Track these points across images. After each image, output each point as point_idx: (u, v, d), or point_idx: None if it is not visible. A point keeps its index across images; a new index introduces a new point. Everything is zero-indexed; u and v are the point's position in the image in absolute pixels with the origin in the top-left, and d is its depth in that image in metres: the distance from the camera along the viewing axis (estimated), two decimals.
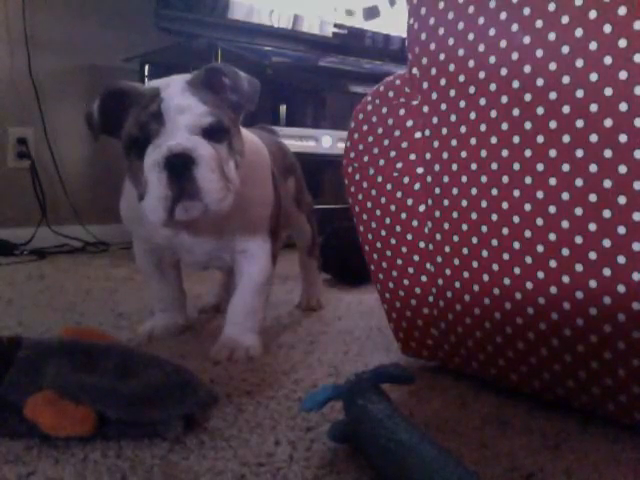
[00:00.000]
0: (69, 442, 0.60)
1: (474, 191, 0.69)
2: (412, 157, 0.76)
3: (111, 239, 2.20)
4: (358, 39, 2.23)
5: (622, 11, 0.56)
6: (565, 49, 0.59)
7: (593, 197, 0.58)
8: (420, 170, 0.75)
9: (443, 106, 0.71)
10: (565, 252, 0.61)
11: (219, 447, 0.60)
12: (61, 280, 1.52)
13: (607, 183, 0.57)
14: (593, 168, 0.58)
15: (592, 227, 0.59)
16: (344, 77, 2.34)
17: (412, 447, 0.48)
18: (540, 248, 0.63)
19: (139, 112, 0.81)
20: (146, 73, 2.16)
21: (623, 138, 0.56)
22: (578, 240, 0.60)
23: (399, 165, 0.77)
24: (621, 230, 0.57)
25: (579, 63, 0.58)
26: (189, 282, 1.11)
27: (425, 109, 0.73)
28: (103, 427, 0.60)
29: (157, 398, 0.61)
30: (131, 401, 0.60)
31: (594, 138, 0.58)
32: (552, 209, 0.61)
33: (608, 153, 0.57)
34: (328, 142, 1.98)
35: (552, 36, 0.60)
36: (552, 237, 0.62)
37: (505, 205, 0.65)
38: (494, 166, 0.66)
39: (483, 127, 0.67)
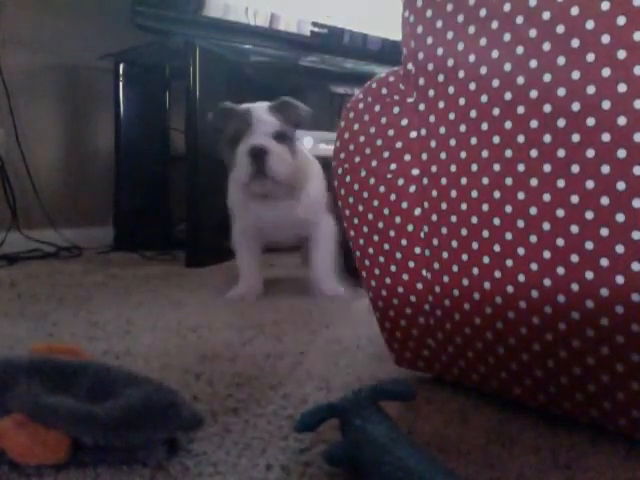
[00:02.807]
0: (41, 470, 0.55)
1: (474, 194, 0.65)
2: (407, 158, 0.72)
3: (85, 243, 2.13)
4: (337, 38, 2.19)
5: (605, 6, 0.53)
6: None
7: (590, 184, 0.55)
8: (415, 171, 0.71)
9: (441, 104, 0.67)
10: (570, 255, 0.57)
11: (206, 473, 0.55)
12: (33, 287, 1.45)
13: (605, 169, 0.54)
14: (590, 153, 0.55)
15: (589, 215, 0.55)
16: (324, 77, 2.31)
17: (422, 476, 0.44)
18: (547, 254, 0.59)
19: (238, 120, 1.29)
20: (120, 72, 2.10)
21: (606, 137, 0.53)
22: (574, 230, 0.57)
23: (393, 166, 0.73)
24: (620, 218, 0.54)
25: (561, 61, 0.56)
26: None
27: (421, 107, 0.69)
28: (78, 453, 0.55)
29: (137, 421, 0.55)
30: (108, 425, 0.55)
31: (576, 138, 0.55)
32: (547, 197, 0.58)
33: (590, 153, 0.55)
34: (309, 143, 1.94)
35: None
36: (546, 227, 0.58)
37: (509, 209, 0.61)
38: (496, 167, 0.62)
39: (485, 126, 0.63)
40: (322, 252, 1.41)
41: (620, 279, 0.54)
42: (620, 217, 0.53)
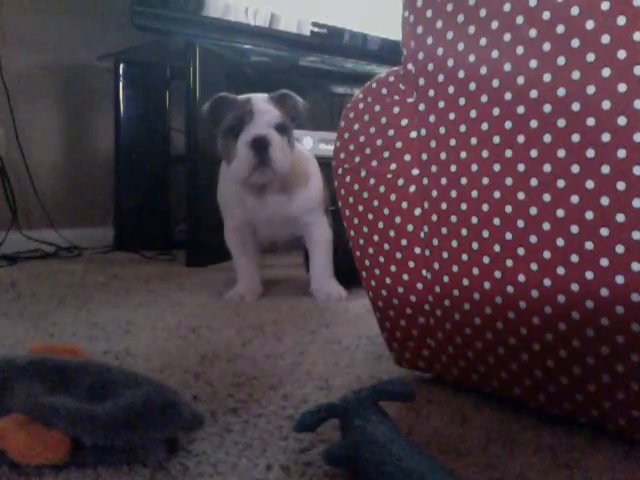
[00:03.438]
0: (41, 470, 0.55)
1: (474, 194, 0.65)
2: (407, 158, 0.72)
3: (85, 243, 2.13)
4: (337, 38, 2.19)
5: (605, 6, 0.53)
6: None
7: (590, 184, 0.55)
8: (415, 171, 0.71)
9: (441, 104, 0.67)
10: (570, 255, 0.57)
11: (206, 473, 0.55)
12: (33, 287, 1.45)
13: (605, 169, 0.54)
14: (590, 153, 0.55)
15: (589, 215, 0.55)
16: (325, 77, 2.31)
17: (422, 476, 0.44)
18: (547, 254, 0.59)
19: (238, 110, 1.25)
20: (120, 72, 2.10)
21: (606, 137, 0.53)
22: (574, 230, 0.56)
23: (393, 166, 0.73)
24: (620, 218, 0.54)
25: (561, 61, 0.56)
26: None
27: (421, 107, 0.69)
28: (78, 453, 0.55)
29: (137, 421, 0.55)
30: (108, 425, 0.55)
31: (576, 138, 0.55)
32: (547, 197, 0.58)
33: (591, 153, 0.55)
34: (309, 143, 1.94)
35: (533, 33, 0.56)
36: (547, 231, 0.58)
37: (509, 209, 0.61)
38: (496, 167, 0.62)
39: (485, 126, 0.63)
40: (319, 255, 1.40)
41: (620, 279, 0.54)
42: (620, 217, 0.53)
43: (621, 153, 0.53)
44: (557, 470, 0.56)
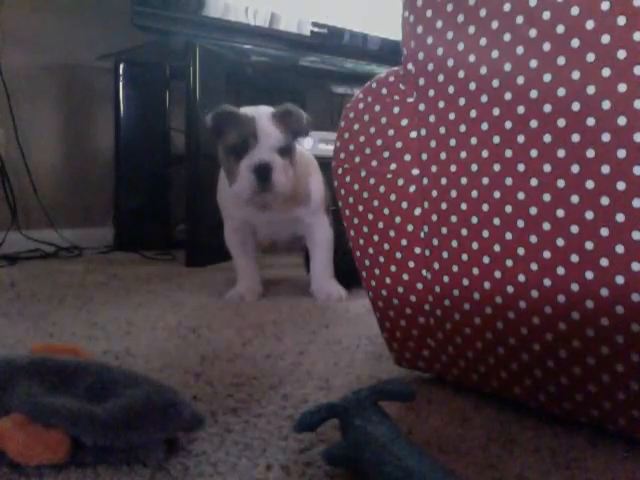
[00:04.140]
0: (41, 470, 0.54)
1: (474, 194, 0.65)
2: (407, 158, 0.72)
3: (85, 244, 2.13)
4: (337, 38, 2.19)
5: (605, 6, 0.53)
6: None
7: (590, 184, 0.55)
8: (415, 171, 0.71)
9: (441, 104, 0.67)
10: (570, 254, 0.57)
11: (206, 473, 0.55)
12: (32, 287, 1.45)
13: (605, 169, 0.54)
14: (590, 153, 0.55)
15: (589, 215, 0.55)
16: (325, 77, 2.31)
17: (422, 476, 0.44)
18: (547, 254, 0.59)
19: (242, 129, 1.24)
20: (120, 72, 2.10)
21: (606, 137, 0.53)
22: (574, 230, 0.56)
23: (393, 166, 0.73)
24: (620, 218, 0.54)
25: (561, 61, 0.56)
26: None
27: (421, 107, 0.69)
28: (78, 453, 0.55)
29: (137, 421, 0.55)
30: (108, 424, 0.55)
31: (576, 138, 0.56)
32: (547, 197, 0.58)
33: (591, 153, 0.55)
34: (309, 143, 1.94)
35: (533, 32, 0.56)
36: (546, 227, 0.58)
37: (509, 209, 0.61)
38: (496, 167, 0.62)
39: (485, 126, 0.63)
40: (320, 256, 1.40)
41: (620, 279, 0.54)
42: (620, 217, 0.53)
43: (621, 153, 0.53)
44: (557, 470, 0.56)
